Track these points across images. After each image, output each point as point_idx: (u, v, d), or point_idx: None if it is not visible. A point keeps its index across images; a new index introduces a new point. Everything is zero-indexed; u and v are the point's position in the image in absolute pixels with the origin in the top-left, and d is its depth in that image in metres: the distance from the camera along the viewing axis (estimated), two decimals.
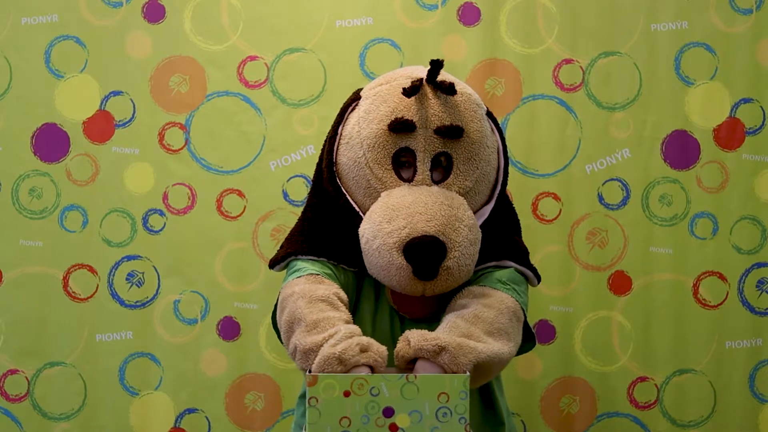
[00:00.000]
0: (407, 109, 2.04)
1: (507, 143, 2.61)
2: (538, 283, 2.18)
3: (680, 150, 2.62)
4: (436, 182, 2.06)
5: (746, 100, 2.61)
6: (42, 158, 2.63)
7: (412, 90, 2.02)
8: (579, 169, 2.62)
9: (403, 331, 2.03)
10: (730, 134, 2.61)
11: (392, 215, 1.98)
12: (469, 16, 2.62)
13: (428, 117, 2.04)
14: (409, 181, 2.06)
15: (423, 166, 2.04)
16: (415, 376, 1.77)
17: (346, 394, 1.77)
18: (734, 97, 2.61)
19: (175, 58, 2.62)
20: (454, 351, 1.86)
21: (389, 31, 2.61)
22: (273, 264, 2.16)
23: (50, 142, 2.62)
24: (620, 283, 2.62)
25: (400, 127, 2.03)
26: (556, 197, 2.62)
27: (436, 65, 2.04)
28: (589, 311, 2.63)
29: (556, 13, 2.62)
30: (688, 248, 2.62)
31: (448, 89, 2.03)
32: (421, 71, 2.10)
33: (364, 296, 2.14)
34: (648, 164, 2.62)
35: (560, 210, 2.62)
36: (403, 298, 2.09)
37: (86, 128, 2.63)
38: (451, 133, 2.03)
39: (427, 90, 2.06)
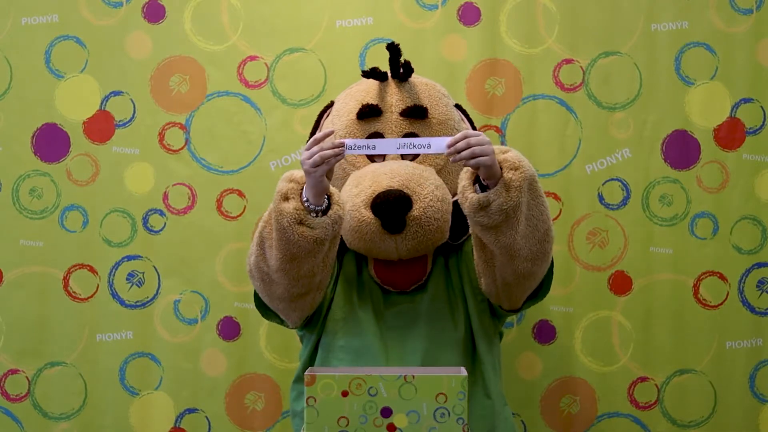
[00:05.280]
0: (372, 97, 2.18)
1: (507, 143, 2.62)
2: None
3: (680, 150, 2.61)
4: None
5: (746, 100, 2.61)
6: (42, 158, 2.63)
7: (371, 72, 2.17)
8: (579, 169, 2.62)
9: (386, 305, 2.14)
10: (731, 134, 2.61)
11: (359, 181, 2.09)
12: (469, 16, 2.62)
13: (393, 102, 2.18)
14: None
15: None
16: (413, 376, 1.78)
17: (344, 394, 1.77)
18: (734, 97, 2.61)
19: (175, 58, 2.63)
20: (520, 157, 1.94)
21: (389, 31, 2.60)
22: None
23: (50, 142, 2.62)
24: (620, 283, 2.62)
25: (366, 112, 2.16)
26: (556, 197, 2.62)
27: (393, 50, 2.16)
28: (589, 311, 2.62)
29: (556, 13, 2.61)
30: (689, 248, 2.61)
31: (402, 76, 2.18)
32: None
33: (345, 273, 2.20)
34: (648, 164, 2.62)
35: (560, 210, 2.62)
36: (386, 270, 2.15)
37: (86, 128, 2.63)
38: (416, 113, 2.16)
39: (391, 80, 2.20)
